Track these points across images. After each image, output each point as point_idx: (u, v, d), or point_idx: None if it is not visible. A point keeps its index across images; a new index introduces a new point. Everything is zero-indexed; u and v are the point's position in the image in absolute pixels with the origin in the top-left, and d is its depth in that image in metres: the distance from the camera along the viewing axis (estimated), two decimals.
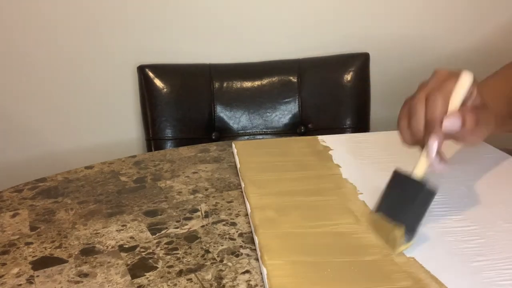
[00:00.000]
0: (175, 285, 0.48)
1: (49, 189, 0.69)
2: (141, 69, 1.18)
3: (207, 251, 0.53)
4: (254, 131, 1.21)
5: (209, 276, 0.49)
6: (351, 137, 0.82)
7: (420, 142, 0.52)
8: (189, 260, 0.52)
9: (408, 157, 0.73)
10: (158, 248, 0.54)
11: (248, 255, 0.52)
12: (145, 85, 1.18)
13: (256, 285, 0.47)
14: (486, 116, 0.53)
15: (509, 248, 0.50)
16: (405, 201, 0.50)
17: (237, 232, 0.57)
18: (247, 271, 0.49)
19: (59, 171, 0.74)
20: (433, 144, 0.49)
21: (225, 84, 1.20)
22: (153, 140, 1.19)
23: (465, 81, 0.51)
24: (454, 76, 0.51)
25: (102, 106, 1.24)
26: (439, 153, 0.50)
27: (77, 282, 0.48)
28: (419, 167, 0.51)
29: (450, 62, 1.31)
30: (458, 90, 0.51)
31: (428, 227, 0.54)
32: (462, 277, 0.46)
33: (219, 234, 0.56)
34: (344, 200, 0.60)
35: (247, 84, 1.21)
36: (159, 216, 0.61)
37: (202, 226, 0.58)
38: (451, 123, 0.48)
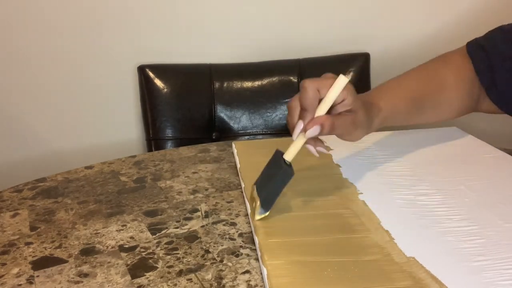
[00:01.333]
0: (175, 285, 0.48)
1: (49, 189, 0.69)
2: (141, 69, 1.18)
3: (207, 251, 0.53)
4: (254, 131, 1.21)
5: (209, 276, 0.49)
6: None
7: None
8: (189, 260, 0.52)
9: (408, 157, 0.74)
10: (158, 248, 0.54)
11: (248, 255, 0.52)
12: (145, 85, 1.18)
13: (256, 285, 0.47)
14: (356, 119, 0.59)
15: (509, 248, 0.50)
16: (268, 178, 0.56)
17: (237, 232, 0.57)
18: (247, 271, 0.49)
19: (59, 171, 0.74)
20: (297, 131, 0.56)
21: (225, 84, 1.20)
22: (153, 140, 1.19)
23: (337, 87, 0.55)
24: (332, 78, 0.56)
25: (102, 106, 1.24)
26: (314, 140, 0.57)
27: (77, 282, 0.48)
28: (289, 151, 0.56)
29: None
30: (331, 93, 0.55)
31: (428, 227, 0.54)
32: (462, 277, 0.46)
33: (219, 234, 0.56)
34: (344, 200, 0.60)
35: (247, 84, 1.21)
36: (159, 216, 0.61)
37: (202, 226, 0.58)
38: (312, 131, 0.55)
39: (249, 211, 0.59)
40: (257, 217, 0.56)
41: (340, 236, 0.53)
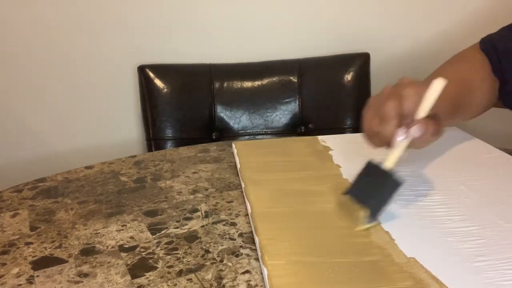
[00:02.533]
0: (175, 285, 0.48)
1: (49, 189, 0.69)
2: (141, 69, 1.18)
3: (207, 251, 0.53)
4: (254, 131, 1.21)
5: (209, 276, 0.49)
6: (351, 137, 0.82)
7: (388, 141, 0.55)
8: (189, 260, 0.52)
9: (408, 157, 0.73)
10: (158, 248, 0.54)
11: (248, 255, 0.52)
12: (145, 85, 1.18)
13: (256, 285, 0.47)
14: (437, 125, 0.56)
15: (509, 248, 0.50)
16: (373, 188, 0.55)
17: (237, 232, 0.57)
18: (247, 271, 0.49)
19: (59, 171, 0.74)
20: (402, 137, 0.54)
21: (225, 84, 1.20)
22: (153, 140, 1.19)
23: (436, 89, 0.55)
24: (422, 83, 0.55)
25: (102, 106, 1.24)
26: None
27: (77, 282, 0.48)
28: (390, 159, 0.55)
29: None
30: (429, 97, 0.54)
31: (428, 227, 0.54)
32: (462, 278, 0.46)
33: (219, 234, 0.56)
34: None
35: (247, 84, 1.21)
36: (159, 216, 0.61)
37: (202, 226, 0.58)
38: (416, 130, 0.53)
39: (249, 210, 0.59)
40: (365, 226, 0.54)
41: (341, 236, 0.53)
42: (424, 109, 0.54)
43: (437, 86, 0.55)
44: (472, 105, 0.77)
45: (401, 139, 0.54)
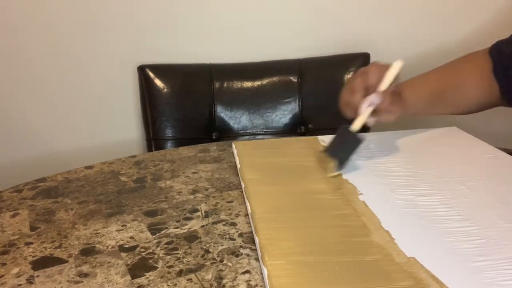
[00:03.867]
0: (175, 285, 0.48)
1: (49, 189, 0.69)
2: (141, 69, 1.18)
3: (207, 251, 0.53)
4: (254, 131, 1.21)
5: (209, 276, 0.49)
6: None
7: (356, 109, 0.69)
8: (189, 260, 0.52)
9: (408, 157, 0.74)
10: (158, 248, 0.54)
11: (248, 255, 0.52)
12: (145, 85, 1.18)
13: (256, 285, 0.47)
14: (398, 101, 0.70)
15: (509, 248, 0.50)
16: (341, 145, 0.69)
17: (237, 232, 0.57)
18: (247, 271, 0.49)
19: (59, 171, 0.74)
20: (366, 104, 0.67)
21: (225, 84, 1.20)
22: (153, 140, 1.19)
23: (395, 68, 0.69)
24: (386, 64, 0.70)
25: (102, 106, 1.24)
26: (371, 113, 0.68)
27: (77, 282, 0.48)
28: (356, 123, 0.68)
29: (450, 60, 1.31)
30: (389, 74, 0.68)
31: (428, 227, 0.54)
32: (462, 277, 0.46)
33: (219, 234, 0.56)
34: (344, 201, 0.60)
35: (247, 84, 1.21)
36: (159, 216, 0.61)
37: (202, 226, 0.58)
38: (374, 97, 0.67)
39: (249, 210, 0.59)
40: (332, 174, 0.66)
41: (341, 236, 0.53)
42: (384, 84, 0.68)
43: (396, 66, 0.69)
44: (461, 100, 0.83)
45: (365, 106, 0.67)
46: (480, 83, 0.82)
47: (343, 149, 0.68)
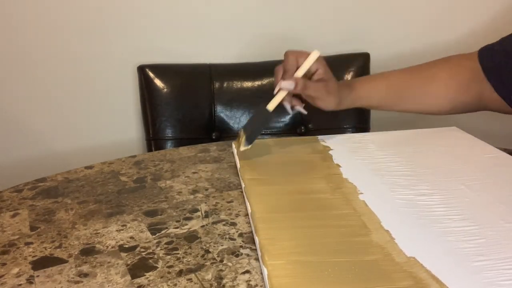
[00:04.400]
0: (175, 285, 0.48)
1: (49, 189, 0.69)
2: (141, 69, 1.18)
3: (207, 251, 0.53)
4: None
5: (209, 276, 0.49)
6: (351, 137, 0.82)
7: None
8: (189, 260, 0.52)
9: (408, 157, 0.74)
10: (158, 248, 0.54)
11: (248, 255, 0.52)
12: (145, 85, 1.18)
13: (256, 285, 0.47)
14: (330, 89, 0.76)
15: (509, 248, 0.50)
16: (254, 121, 0.74)
17: (237, 232, 0.57)
18: (247, 271, 0.49)
19: (59, 171, 0.74)
20: (277, 87, 0.74)
21: (225, 84, 1.20)
22: (153, 140, 1.19)
23: (311, 58, 0.74)
24: (305, 52, 0.75)
25: (102, 106, 1.24)
26: (288, 100, 0.75)
27: (77, 282, 0.48)
28: (271, 103, 0.74)
29: None
30: (306, 62, 0.74)
31: (428, 226, 0.54)
32: (462, 277, 0.46)
33: (219, 234, 0.56)
34: (344, 200, 0.60)
35: (247, 84, 1.21)
36: (159, 216, 0.61)
37: (202, 226, 0.58)
38: (286, 84, 0.72)
39: (249, 210, 0.59)
40: (242, 148, 0.72)
41: (341, 236, 0.53)
42: (300, 71, 0.74)
43: (313, 56, 0.74)
44: (427, 97, 0.83)
45: (277, 90, 0.74)
46: (453, 81, 0.82)
47: (254, 124, 0.74)
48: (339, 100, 0.78)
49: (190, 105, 1.19)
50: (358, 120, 1.22)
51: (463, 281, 0.45)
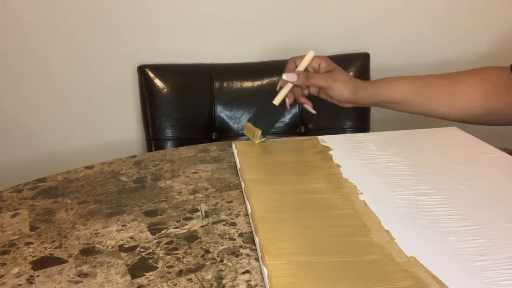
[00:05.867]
0: (175, 285, 0.48)
1: (49, 189, 0.69)
2: (141, 69, 1.18)
3: (207, 251, 0.53)
4: None
5: (209, 276, 0.49)
6: (351, 137, 0.82)
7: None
8: (189, 260, 0.52)
9: (408, 157, 0.74)
10: (158, 248, 0.54)
11: (248, 255, 0.52)
12: (145, 85, 1.18)
13: (256, 285, 0.47)
14: (334, 74, 0.81)
15: (509, 248, 0.50)
16: (265, 116, 0.80)
17: (237, 232, 0.57)
18: (247, 271, 0.49)
19: (59, 171, 0.74)
20: (279, 83, 0.82)
21: (225, 84, 1.20)
22: (153, 140, 1.19)
23: (308, 57, 0.82)
24: (303, 56, 0.83)
25: (102, 106, 1.24)
26: (289, 95, 0.82)
27: (77, 282, 0.48)
28: (277, 97, 0.81)
29: (449, 61, 1.31)
30: (304, 61, 0.82)
31: (428, 226, 0.54)
32: (462, 277, 0.46)
33: (219, 234, 0.56)
34: (344, 200, 0.60)
35: (247, 84, 1.21)
36: (159, 216, 0.61)
37: (202, 226, 0.58)
38: (288, 75, 0.80)
39: (249, 210, 0.59)
40: (258, 141, 0.79)
41: (341, 236, 0.53)
42: (300, 67, 0.82)
43: (309, 55, 0.82)
44: (452, 97, 0.81)
45: (280, 85, 0.82)
46: (485, 85, 0.79)
47: (267, 119, 0.80)
48: (353, 89, 0.81)
49: (190, 105, 1.19)
50: (358, 120, 1.22)
51: (463, 281, 0.45)
